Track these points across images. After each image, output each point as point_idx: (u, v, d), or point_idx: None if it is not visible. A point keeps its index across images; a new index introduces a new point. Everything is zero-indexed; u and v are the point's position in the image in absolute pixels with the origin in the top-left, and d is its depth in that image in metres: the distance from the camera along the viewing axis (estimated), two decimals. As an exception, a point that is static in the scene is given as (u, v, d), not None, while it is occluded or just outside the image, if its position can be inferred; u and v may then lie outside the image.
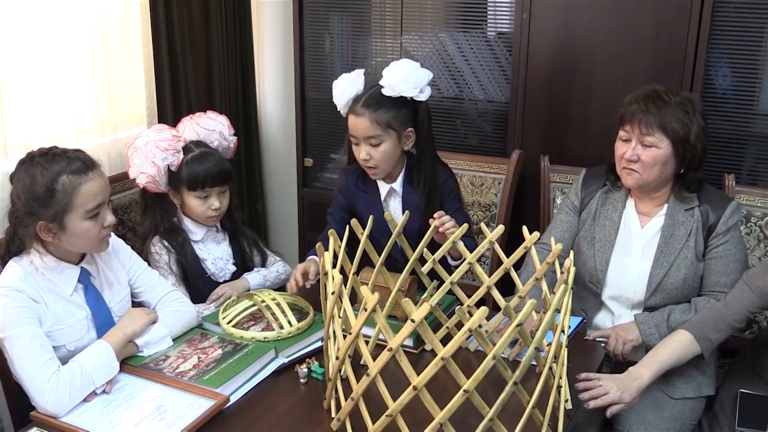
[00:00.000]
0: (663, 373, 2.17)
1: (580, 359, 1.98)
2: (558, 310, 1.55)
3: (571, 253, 1.79)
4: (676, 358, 1.98)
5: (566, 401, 1.71)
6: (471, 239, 2.04)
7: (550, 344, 1.58)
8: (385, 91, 2.21)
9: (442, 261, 2.03)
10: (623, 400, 1.83)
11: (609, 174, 2.29)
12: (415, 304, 1.55)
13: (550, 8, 2.76)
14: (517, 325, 1.36)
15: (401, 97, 2.21)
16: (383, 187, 2.36)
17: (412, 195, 2.33)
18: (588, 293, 2.30)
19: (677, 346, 1.99)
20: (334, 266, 1.65)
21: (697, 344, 1.99)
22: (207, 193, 2.24)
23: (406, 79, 2.20)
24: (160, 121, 2.95)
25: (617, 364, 2.24)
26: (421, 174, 2.30)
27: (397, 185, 2.34)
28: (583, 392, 1.81)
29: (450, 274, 2.00)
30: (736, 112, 2.62)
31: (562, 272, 1.71)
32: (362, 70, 2.30)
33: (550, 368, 1.55)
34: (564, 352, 1.67)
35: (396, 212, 2.36)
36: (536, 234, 1.85)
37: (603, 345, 2.13)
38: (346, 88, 2.26)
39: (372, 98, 2.22)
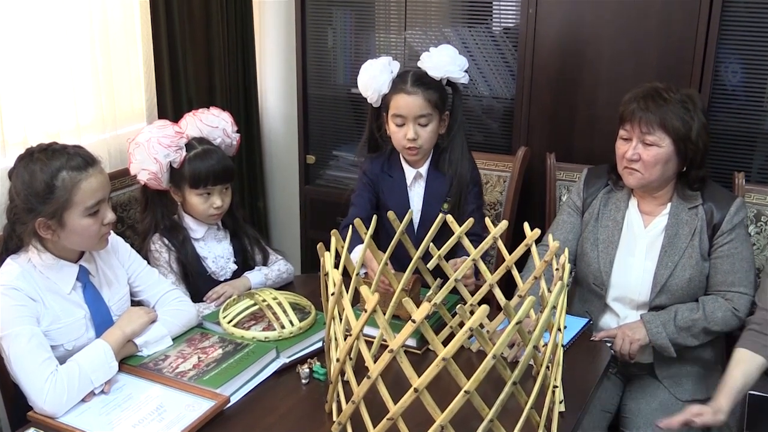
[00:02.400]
0: (672, 376, 2.16)
1: (586, 360, 1.96)
2: (555, 308, 1.52)
3: (566, 249, 1.77)
4: (744, 379, 1.94)
5: (561, 402, 1.69)
6: (479, 240, 2.04)
7: (547, 344, 1.56)
8: (432, 73, 2.25)
9: (448, 258, 2.00)
10: (718, 419, 1.86)
11: (610, 174, 2.27)
12: (419, 304, 1.53)
13: (557, 3, 2.73)
14: (516, 323, 1.34)
15: (439, 81, 2.26)
16: (409, 172, 2.36)
17: (436, 181, 2.34)
18: (592, 296, 2.27)
19: (743, 365, 1.95)
20: (336, 266, 1.62)
21: (758, 356, 1.95)
22: (209, 191, 2.22)
23: (453, 62, 2.26)
24: (159, 117, 2.93)
25: (624, 364, 2.22)
26: (452, 158, 2.32)
27: (424, 170, 2.35)
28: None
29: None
30: (746, 109, 2.59)
31: (557, 269, 1.69)
32: (391, 57, 2.32)
33: (547, 367, 1.53)
34: (560, 352, 1.65)
35: (419, 198, 2.37)
36: (537, 231, 1.83)
37: (609, 345, 2.10)
38: (381, 72, 2.27)
39: (420, 79, 2.25)
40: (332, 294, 1.55)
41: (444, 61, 2.25)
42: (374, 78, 2.26)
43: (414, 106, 2.22)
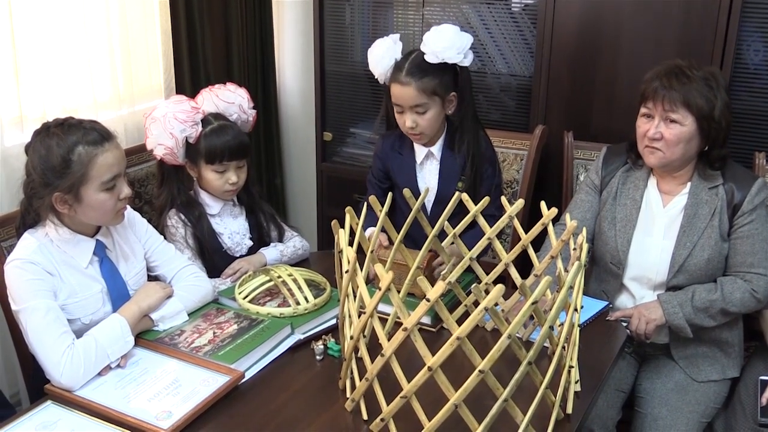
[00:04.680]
0: (688, 357, 2.14)
1: (601, 340, 1.95)
2: (572, 288, 1.51)
3: (584, 229, 1.75)
4: None
5: (576, 382, 1.69)
6: (494, 220, 2.02)
7: (562, 324, 1.55)
8: (429, 58, 2.19)
9: (463, 237, 1.99)
10: None
11: (630, 152, 2.24)
12: (434, 282, 1.52)
13: (577, -20, 2.69)
14: (532, 303, 1.33)
15: (439, 65, 2.20)
16: (420, 151, 2.34)
17: (450, 160, 2.32)
18: (609, 275, 2.26)
19: None
20: (350, 243, 1.62)
21: None
22: (225, 167, 2.21)
23: (451, 45, 2.18)
24: (177, 93, 2.93)
25: (639, 344, 2.21)
26: (464, 138, 2.29)
27: (436, 149, 2.33)
28: None
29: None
30: (767, 88, 2.54)
31: (574, 249, 1.68)
32: (398, 36, 2.28)
33: (563, 347, 1.52)
34: (576, 332, 1.64)
35: (431, 176, 2.35)
36: (554, 210, 1.81)
37: (625, 325, 2.09)
38: (384, 55, 2.24)
39: (415, 66, 2.20)
40: (346, 271, 1.55)
41: (441, 46, 2.18)
42: (378, 62, 2.24)
43: (407, 96, 2.18)
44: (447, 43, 2.18)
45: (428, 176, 2.35)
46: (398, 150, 2.37)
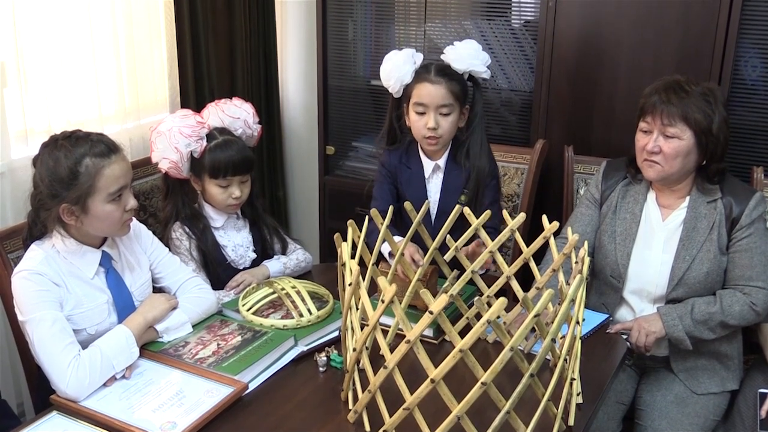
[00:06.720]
0: (688, 369, 2.16)
1: (602, 352, 1.97)
2: (573, 301, 1.53)
3: (586, 243, 1.77)
4: None
5: (578, 394, 1.70)
6: (496, 233, 2.04)
7: (564, 337, 1.56)
8: (456, 65, 2.27)
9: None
10: None
11: (629, 167, 2.26)
12: (436, 294, 1.54)
13: (577, -4, 2.73)
14: (534, 316, 1.35)
15: (461, 75, 2.28)
16: (428, 164, 2.37)
17: (453, 173, 2.34)
18: (609, 288, 2.27)
19: None
20: (352, 256, 1.63)
21: None
22: (228, 181, 2.23)
23: (477, 56, 2.27)
24: (182, 107, 2.95)
25: (639, 356, 2.22)
26: (470, 152, 2.32)
27: (442, 162, 2.36)
28: None
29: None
30: (765, 103, 2.57)
31: (576, 262, 1.69)
32: (413, 50, 2.33)
33: (565, 360, 1.54)
34: (578, 345, 1.65)
35: (436, 190, 2.38)
36: (556, 224, 1.83)
37: (625, 338, 2.11)
38: (406, 60, 2.28)
39: (443, 69, 2.27)
40: (349, 284, 1.56)
41: (469, 55, 2.26)
42: (397, 67, 2.27)
43: (437, 95, 2.23)
44: (474, 53, 2.27)
45: (434, 189, 2.37)
46: (406, 164, 2.38)
